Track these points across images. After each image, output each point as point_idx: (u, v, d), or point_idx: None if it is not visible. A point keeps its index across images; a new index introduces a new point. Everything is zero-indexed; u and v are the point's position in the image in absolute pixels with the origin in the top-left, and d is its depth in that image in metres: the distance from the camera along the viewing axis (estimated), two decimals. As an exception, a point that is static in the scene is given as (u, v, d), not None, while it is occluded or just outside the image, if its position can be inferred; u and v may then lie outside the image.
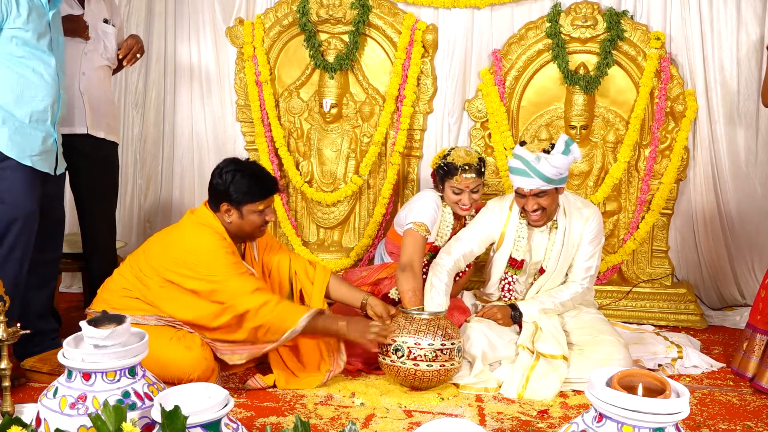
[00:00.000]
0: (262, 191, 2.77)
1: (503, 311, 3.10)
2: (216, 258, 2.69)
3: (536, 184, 2.92)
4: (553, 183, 2.94)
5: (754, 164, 3.91)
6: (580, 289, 3.13)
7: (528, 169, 2.92)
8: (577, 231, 3.10)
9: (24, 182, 2.72)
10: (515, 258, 3.13)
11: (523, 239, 3.10)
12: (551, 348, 2.92)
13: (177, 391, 1.99)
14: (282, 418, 2.55)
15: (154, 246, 2.83)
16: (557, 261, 3.11)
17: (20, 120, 2.70)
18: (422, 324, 2.78)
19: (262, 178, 2.80)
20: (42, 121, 2.76)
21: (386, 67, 4.12)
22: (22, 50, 2.68)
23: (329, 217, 4.23)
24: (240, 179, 2.73)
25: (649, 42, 3.74)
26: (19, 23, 2.64)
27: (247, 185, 2.73)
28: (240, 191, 2.73)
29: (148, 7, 4.37)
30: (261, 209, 2.76)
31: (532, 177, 2.91)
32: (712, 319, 3.88)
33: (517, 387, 2.80)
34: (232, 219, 2.76)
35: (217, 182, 2.75)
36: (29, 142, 2.73)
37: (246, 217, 2.76)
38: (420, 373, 2.74)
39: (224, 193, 2.73)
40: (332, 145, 4.19)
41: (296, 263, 3.03)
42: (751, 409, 2.71)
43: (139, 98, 4.41)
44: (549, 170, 2.90)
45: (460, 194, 3.15)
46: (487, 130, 4.00)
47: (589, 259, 3.12)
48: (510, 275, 3.16)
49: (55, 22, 2.83)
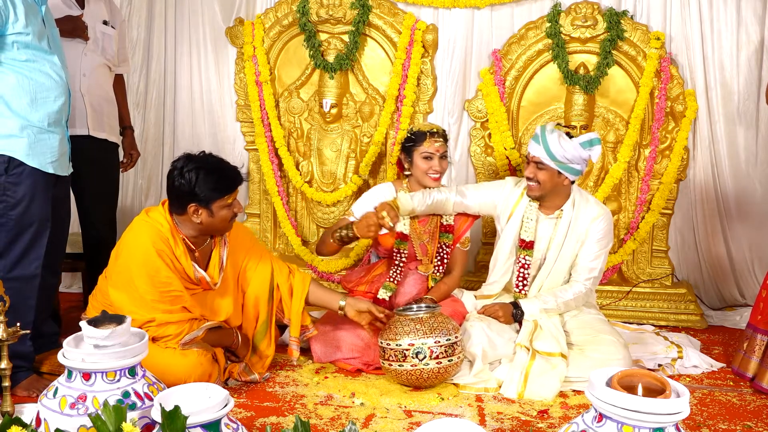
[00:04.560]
0: (229, 185, 2.67)
1: (505, 309, 3.10)
2: (140, 277, 2.59)
3: (539, 152, 3.02)
4: (555, 161, 3.00)
5: (754, 164, 3.91)
6: (584, 289, 3.12)
7: (540, 135, 3.05)
8: (582, 225, 3.11)
9: (40, 188, 2.67)
10: (524, 239, 3.15)
11: (532, 221, 3.15)
12: (549, 346, 2.91)
13: (177, 391, 1.98)
14: (282, 418, 2.55)
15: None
16: (558, 251, 3.12)
17: (38, 125, 2.63)
18: (419, 323, 2.78)
19: (225, 171, 2.68)
20: (58, 122, 2.71)
21: (386, 67, 4.12)
22: (26, 53, 2.61)
23: (329, 217, 4.23)
24: (204, 177, 2.60)
25: (649, 42, 3.74)
26: (18, 27, 2.57)
27: (213, 182, 2.61)
28: (207, 189, 2.60)
29: (148, 8, 4.37)
30: (229, 203, 2.68)
31: (539, 144, 3.04)
32: (712, 319, 3.88)
33: (517, 387, 2.80)
34: (201, 219, 2.65)
35: (180, 183, 2.61)
36: (49, 147, 2.67)
37: (216, 215, 2.65)
38: (419, 372, 2.74)
39: (190, 194, 2.60)
40: (332, 145, 4.19)
41: (279, 275, 2.95)
42: (751, 409, 2.71)
43: (139, 98, 4.41)
44: (555, 147, 2.99)
45: (431, 159, 3.24)
46: (487, 130, 4.00)
47: (594, 260, 3.12)
48: (523, 257, 3.16)
49: (48, 16, 2.76)
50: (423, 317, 2.80)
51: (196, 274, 2.71)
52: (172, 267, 2.64)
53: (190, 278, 2.71)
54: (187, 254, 2.69)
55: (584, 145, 3.00)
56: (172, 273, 2.63)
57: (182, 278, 2.68)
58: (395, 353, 2.77)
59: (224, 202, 2.65)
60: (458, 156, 4.14)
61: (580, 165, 3.05)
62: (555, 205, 3.16)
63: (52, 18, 2.85)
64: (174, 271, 2.64)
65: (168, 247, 2.63)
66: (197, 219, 2.65)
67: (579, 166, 3.05)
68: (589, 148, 3.01)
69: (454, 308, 3.20)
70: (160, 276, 2.60)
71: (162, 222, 2.66)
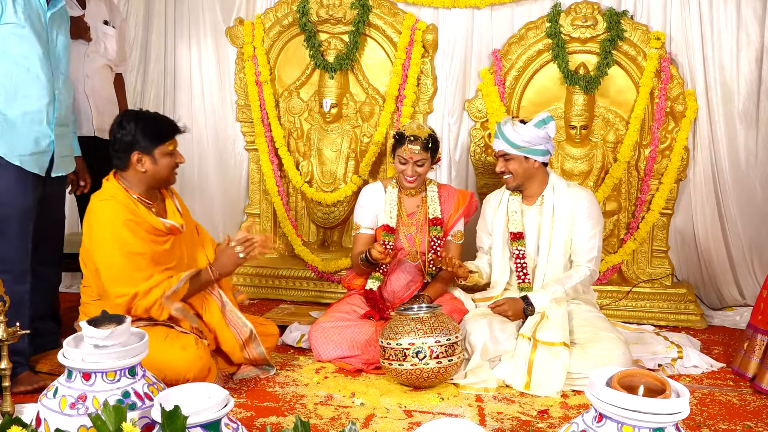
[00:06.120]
0: (168, 131, 2.76)
1: (514, 306, 3.10)
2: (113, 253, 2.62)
3: (501, 145, 3.17)
4: (518, 148, 3.13)
5: (754, 164, 3.91)
6: (588, 271, 3.15)
7: (498, 130, 3.20)
8: (567, 207, 3.18)
9: (16, 181, 2.70)
10: (512, 231, 3.22)
11: (517, 213, 3.23)
12: (552, 335, 2.92)
13: (177, 391, 1.98)
14: (282, 418, 2.55)
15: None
16: (550, 236, 3.17)
17: (11, 119, 2.67)
18: (420, 322, 2.78)
19: (163, 118, 2.81)
20: (37, 121, 2.73)
21: (386, 67, 4.12)
22: (18, 49, 2.64)
23: (329, 217, 4.23)
24: (144, 125, 2.69)
25: (649, 42, 3.74)
26: (13, 19, 2.61)
27: (153, 127, 2.72)
28: (148, 135, 2.69)
29: (148, 7, 4.37)
30: (171, 150, 2.75)
31: (498, 138, 3.18)
32: (712, 319, 3.88)
33: (522, 378, 2.81)
34: (146, 167, 2.71)
35: (122, 134, 2.69)
36: (19, 141, 2.70)
37: (159, 161, 2.72)
38: (420, 371, 2.74)
39: (132, 142, 2.68)
40: (332, 145, 4.19)
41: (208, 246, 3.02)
42: (751, 409, 2.71)
43: (136, 98, 4.41)
44: (512, 135, 3.12)
45: (405, 165, 3.29)
46: (487, 130, 4.00)
47: (590, 239, 3.16)
48: (516, 248, 3.21)
49: (56, 22, 2.79)
50: (423, 317, 2.81)
51: (165, 224, 2.76)
52: (141, 229, 2.67)
53: (161, 230, 2.75)
54: (147, 210, 2.75)
55: (538, 125, 3.14)
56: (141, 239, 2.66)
57: (153, 234, 2.72)
58: (395, 352, 2.77)
59: (165, 149, 2.74)
60: (458, 156, 4.14)
61: (543, 145, 3.14)
62: (536, 193, 3.24)
63: (64, 26, 2.86)
64: (144, 234, 2.68)
65: (130, 212, 2.68)
66: (142, 168, 2.71)
67: (542, 146, 3.14)
68: (544, 126, 3.13)
69: (453, 306, 3.21)
70: (131, 246, 2.63)
71: (114, 192, 2.71)
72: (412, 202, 3.41)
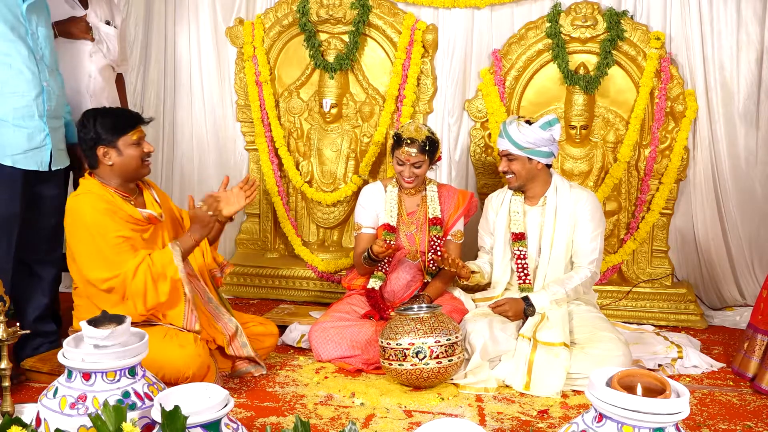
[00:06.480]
0: (128, 121, 2.77)
1: (514, 306, 3.10)
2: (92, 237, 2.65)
3: (505, 145, 3.17)
4: (522, 149, 3.12)
5: (754, 164, 3.91)
6: (589, 273, 3.16)
7: (502, 130, 3.20)
8: (568, 208, 3.18)
9: (3, 186, 2.69)
10: (514, 231, 3.22)
11: (519, 213, 3.23)
12: (552, 336, 2.92)
13: (177, 391, 1.98)
14: (282, 418, 2.55)
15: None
16: (552, 237, 3.17)
17: (1, 119, 2.66)
18: (420, 322, 2.78)
19: (122, 110, 2.87)
20: (28, 116, 2.72)
21: (386, 67, 4.12)
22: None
23: (329, 217, 4.23)
24: (103, 118, 2.73)
25: (649, 42, 3.74)
26: None
27: (111, 120, 2.74)
28: (108, 127, 2.72)
29: (148, 7, 4.37)
30: (135, 139, 2.76)
31: (503, 138, 3.18)
32: (712, 319, 3.88)
33: (522, 378, 2.81)
34: (113, 160, 2.73)
35: (85, 132, 2.73)
36: (11, 140, 2.69)
37: (124, 152, 2.73)
38: (420, 372, 2.74)
39: (96, 138, 2.72)
40: (332, 145, 4.19)
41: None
42: (751, 409, 2.71)
43: (136, 98, 4.40)
44: (517, 135, 3.11)
45: (402, 166, 3.30)
46: (487, 130, 4.00)
47: (591, 241, 3.17)
48: (517, 249, 3.21)
49: (35, 13, 2.76)
50: (423, 317, 2.81)
51: (143, 214, 2.78)
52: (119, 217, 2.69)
53: (139, 219, 2.76)
54: (125, 201, 2.77)
55: (543, 127, 3.13)
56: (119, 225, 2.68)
57: (132, 223, 2.73)
58: (395, 352, 2.77)
59: (129, 139, 2.75)
60: (458, 156, 4.14)
61: (547, 146, 3.14)
62: (538, 194, 3.24)
63: (44, 17, 2.83)
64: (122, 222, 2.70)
65: (108, 202, 2.70)
66: (109, 161, 2.74)
67: (546, 148, 3.14)
68: (549, 128, 3.13)
69: (453, 306, 3.21)
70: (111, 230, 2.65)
71: (90, 186, 2.74)
72: (412, 201, 3.42)
